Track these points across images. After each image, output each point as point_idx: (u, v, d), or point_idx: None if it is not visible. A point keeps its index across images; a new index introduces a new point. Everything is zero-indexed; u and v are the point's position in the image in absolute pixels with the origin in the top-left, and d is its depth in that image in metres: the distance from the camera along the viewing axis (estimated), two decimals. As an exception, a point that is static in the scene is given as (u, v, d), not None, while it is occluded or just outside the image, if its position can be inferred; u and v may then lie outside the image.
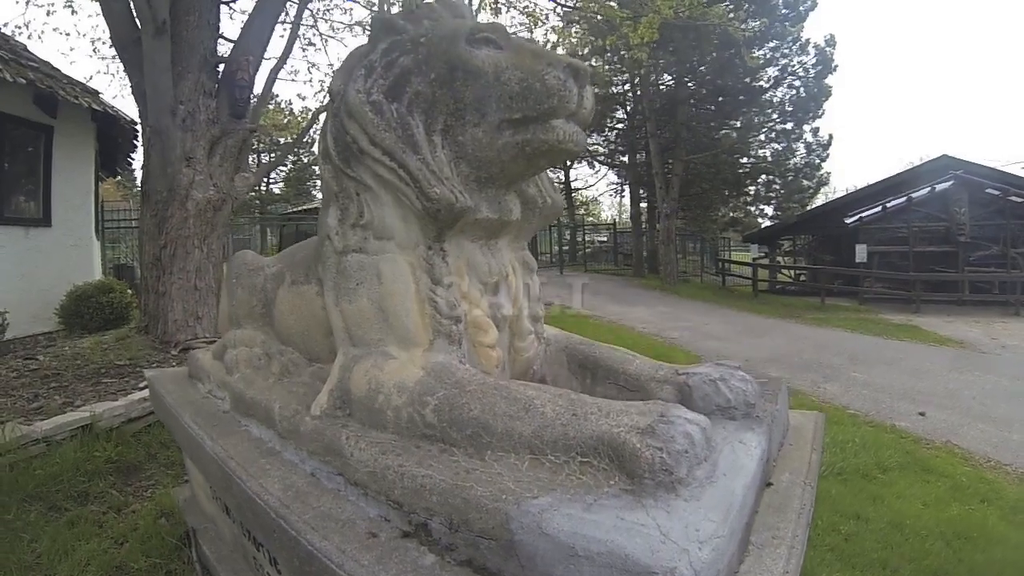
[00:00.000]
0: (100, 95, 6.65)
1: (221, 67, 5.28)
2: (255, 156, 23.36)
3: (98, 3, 5.03)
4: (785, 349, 7.28)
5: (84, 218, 6.68)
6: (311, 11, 7.62)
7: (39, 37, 7.72)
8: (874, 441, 4.06)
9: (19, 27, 7.63)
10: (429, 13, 1.52)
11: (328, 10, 8.05)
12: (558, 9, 7.49)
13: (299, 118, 10.69)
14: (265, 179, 27.61)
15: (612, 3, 5.91)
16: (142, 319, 5.03)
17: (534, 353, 1.59)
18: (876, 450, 3.84)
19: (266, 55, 5.88)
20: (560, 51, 10.05)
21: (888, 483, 3.42)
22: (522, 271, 1.61)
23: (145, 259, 4.98)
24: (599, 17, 5.89)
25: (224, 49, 5.55)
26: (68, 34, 7.56)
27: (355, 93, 1.33)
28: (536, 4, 8.07)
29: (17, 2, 7.44)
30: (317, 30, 8.54)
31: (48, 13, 7.43)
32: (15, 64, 5.53)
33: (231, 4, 6.31)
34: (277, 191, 27.69)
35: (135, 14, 4.68)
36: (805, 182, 13.87)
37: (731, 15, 7.10)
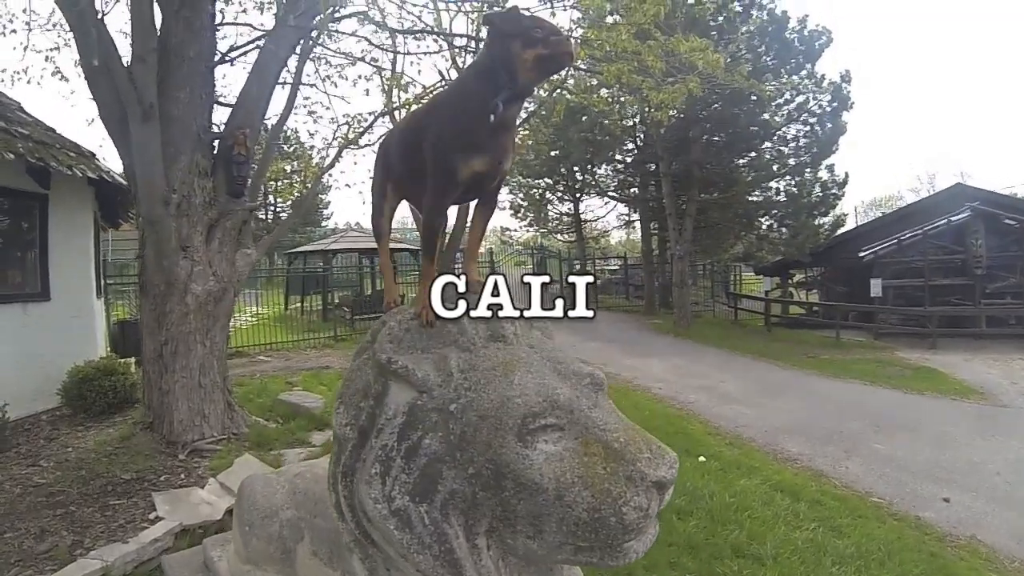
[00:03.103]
0: (96, 158, 6.42)
1: (216, 142, 5.04)
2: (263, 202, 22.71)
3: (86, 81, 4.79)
4: (804, 414, 7.10)
5: (84, 285, 6.50)
6: (313, 60, 7.33)
7: (38, 83, 7.44)
8: (898, 544, 3.91)
9: (17, 73, 7.39)
10: (458, 337, 1.21)
11: (327, 74, 7.75)
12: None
13: (308, 151, 10.38)
14: (273, 208, 27.22)
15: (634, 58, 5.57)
16: (146, 414, 4.88)
17: None
18: (900, 558, 3.69)
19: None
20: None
21: (912, 604, 3.29)
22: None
23: (147, 354, 4.81)
24: (621, 81, 5.62)
25: (219, 116, 5.29)
26: (67, 79, 7.31)
27: (373, 504, 1.08)
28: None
29: (15, 48, 7.17)
30: (325, 91, 8.26)
31: (46, 59, 7.18)
32: (4, 134, 5.28)
33: (230, 62, 6.04)
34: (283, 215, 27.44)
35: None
36: (821, 219, 13.58)
37: (749, 67, 6.84)
